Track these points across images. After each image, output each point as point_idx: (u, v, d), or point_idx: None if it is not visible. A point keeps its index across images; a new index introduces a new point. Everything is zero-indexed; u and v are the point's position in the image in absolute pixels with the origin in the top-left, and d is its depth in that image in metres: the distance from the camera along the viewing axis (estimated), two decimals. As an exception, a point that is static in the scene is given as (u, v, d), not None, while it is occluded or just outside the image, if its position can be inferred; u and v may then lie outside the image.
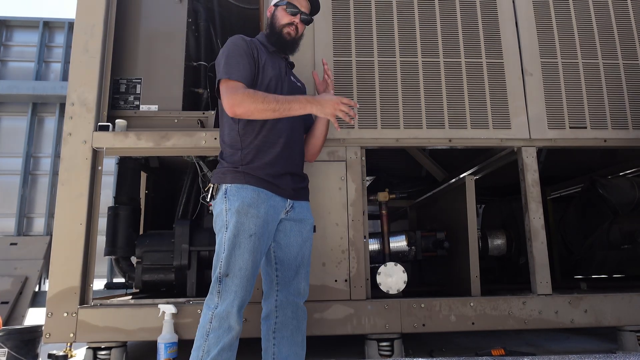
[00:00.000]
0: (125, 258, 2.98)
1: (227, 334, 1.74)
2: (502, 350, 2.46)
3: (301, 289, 1.99)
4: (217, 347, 1.72)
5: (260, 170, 1.89)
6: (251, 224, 1.81)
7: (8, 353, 2.59)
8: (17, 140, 5.51)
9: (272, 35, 2.10)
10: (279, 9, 2.09)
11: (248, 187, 1.86)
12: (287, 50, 2.15)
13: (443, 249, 3.08)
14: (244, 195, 1.84)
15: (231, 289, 1.77)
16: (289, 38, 2.09)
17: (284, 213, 1.96)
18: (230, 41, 2.00)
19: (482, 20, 2.87)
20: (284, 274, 1.97)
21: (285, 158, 1.97)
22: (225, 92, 1.87)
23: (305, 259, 2.01)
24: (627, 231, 3.44)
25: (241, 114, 1.85)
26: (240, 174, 1.88)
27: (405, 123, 2.70)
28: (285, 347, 1.93)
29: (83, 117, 2.56)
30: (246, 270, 1.79)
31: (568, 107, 2.81)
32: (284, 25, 2.07)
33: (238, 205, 1.82)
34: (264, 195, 1.87)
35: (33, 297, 4.69)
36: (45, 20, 5.81)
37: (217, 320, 1.75)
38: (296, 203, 2.00)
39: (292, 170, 2.00)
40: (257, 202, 1.84)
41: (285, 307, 1.96)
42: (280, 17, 2.08)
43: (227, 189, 1.87)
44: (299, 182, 2.04)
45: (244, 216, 1.81)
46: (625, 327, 2.57)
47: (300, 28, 2.11)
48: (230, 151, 1.96)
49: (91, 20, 2.67)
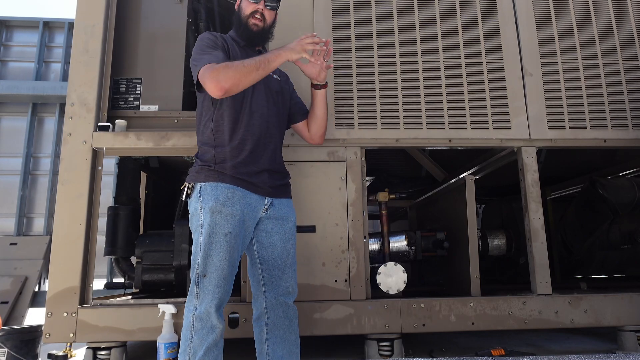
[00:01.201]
0: (125, 258, 2.98)
1: (211, 333, 1.73)
2: (502, 350, 2.46)
3: (289, 288, 1.97)
4: (203, 348, 1.72)
5: (233, 168, 1.87)
6: (226, 223, 1.79)
7: (8, 353, 2.59)
8: (17, 140, 5.50)
9: (239, 27, 2.05)
10: (243, 1, 2.05)
11: (222, 185, 1.83)
12: (257, 42, 2.09)
13: (443, 249, 3.08)
14: (218, 193, 1.82)
15: (209, 289, 1.76)
16: (256, 29, 2.02)
17: (262, 211, 1.93)
18: (199, 39, 1.97)
19: (482, 21, 2.87)
20: (270, 274, 1.94)
21: (260, 155, 1.93)
22: (204, 77, 1.79)
23: (291, 257, 1.98)
24: (627, 231, 3.44)
25: (230, 87, 1.76)
26: (214, 172, 1.86)
27: (405, 123, 2.70)
28: (279, 347, 1.92)
29: (83, 117, 2.56)
30: (223, 270, 1.77)
31: (568, 107, 2.81)
32: (248, 15, 2.01)
33: (212, 204, 1.80)
34: (239, 193, 1.85)
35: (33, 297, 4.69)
36: (45, 20, 5.81)
37: (199, 322, 1.75)
38: (276, 200, 1.96)
39: (269, 167, 1.96)
40: (232, 200, 1.82)
41: (275, 307, 1.94)
42: (244, 7, 2.03)
43: (201, 188, 1.85)
44: (277, 179, 2.00)
45: (219, 215, 1.79)
46: (625, 327, 2.57)
47: (267, 15, 2.03)
48: (204, 149, 1.93)
49: (91, 21, 2.67)
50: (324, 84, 2.14)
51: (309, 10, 2.81)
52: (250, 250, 1.98)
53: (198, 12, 3.20)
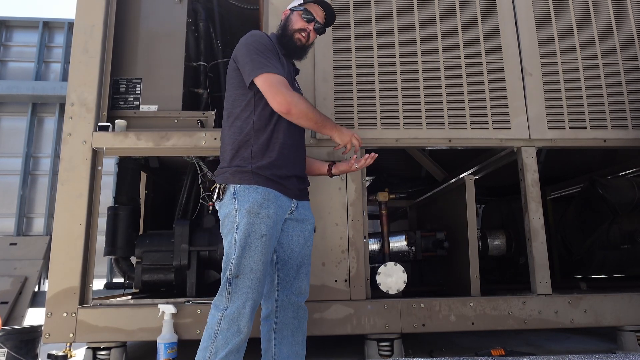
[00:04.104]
0: (125, 258, 2.98)
1: (236, 336, 1.72)
2: (502, 350, 2.46)
3: (302, 288, 1.98)
4: (225, 350, 1.70)
5: (267, 170, 1.87)
6: (262, 225, 1.80)
7: (8, 353, 2.59)
8: (17, 140, 5.51)
9: (283, 37, 2.08)
10: (295, 14, 2.08)
11: (258, 187, 1.84)
12: (295, 56, 2.13)
13: (443, 249, 3.08)
14: (255, 195, 1.82)
15: (242, 290, 1.75)
16: (299, 44, 2.07)
17: (289, 213, 1.96)
18: (258, 35, 1.96)
19: (481, 21, 2.87)
20: (286, 273, 1.96)
21: (292, 159, 1.96)
22: (276, 87, 1.84)
23: (307, 258, 2.01)
24: (626, 231, 3.44)
25: (295, 114, 1.85)
26: (249, 173, 1.85)
27: (405, 123, 2.70)
28: (286, 347, 1.93)
29: (83, 117, 2.56)
30: (257, 272, 1.77)
31: (568, 107, 2.81)
32: (296, 30, 2.05)
33: (249, 205, 1.80)
34: (274, 195, 1.86)
35: (33, 297, 4.68)
36: (45, 20, 5.82)
37: (227, 322, 1.73)
38: (300, 203, 2.00)
39: (298, 172, 2.00)
40: (268, 203, 1.83)
41: (286, 307, 1.95)
42: (294, 21, 2.07)
43: (236, 189, 1.84)
44: (303, 183, 2.05)
45: (255, 217, 1.79)
46: (625, 327, 2.57)
47: (312, 36, 2.09)
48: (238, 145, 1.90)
49: (91, 21, 2.67)
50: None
51: (309, 10, 2.80)
52: None
53: (198, 12, 3.21)
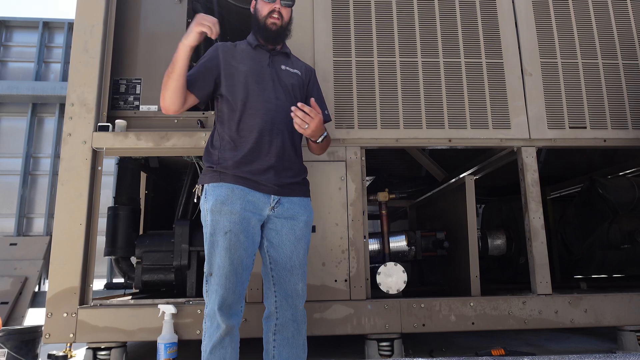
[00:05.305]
0: (125, 258, 2.98)
1: (216, 332, 1.77)
2: (502, 350, 2.46)
3: (299, 290, 1.93)
4: (210, 346, 1.76)
5: (234, 167, 1.88)
6: (225, 222, 1.81)
7: (8, 353, 2.59)
8: (17, 141, 5.50)
9: (258, 29, 2.06)
10: (258, 1, 2.06)
11: (223, 185, 1.86)
12: (278, 40, 2.08)
13: (443, 249, 3.08)
14: (219, 193, 1.85)
15: (213, 287, 1.79)
16: (275, 28, 2.02)
17: (269, 209, 1.91)
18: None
19: (481, 21, 2.87)
20: (279, 273, 1.92)
21: (264, 152, 1.91)
22: None
23: (300, 259, 1.93)
24: (626, 231, 3.44)
25: (165, 105, 1.88)
26: (216, 172, 1.89)
27: (405, 123, 2.70)
28: (285, 349, 1.91)
29: (83, 117, 2.56)
30: (224, 268, 1.78)
31: (568, 107, 2.81)
32: (266, 15, 2.02)
33: (212, 203, 1.84)
34: (239, 191, 1.85)
35: (33, 297, 4.68)
36: (45, 20, 5.81)
37: (208, 319, 1.80)
38: (285, 199, 1.93)
39: (276, 164, 1.92)
40: (232, 199, 1.83)
41: (284, 308, 1.93)
42: (260, 8, 2.04)
43: (206, 189, 1.91)
44: (287, 177, 1.95)
45: (218, 214, 1.82)
46: (625, 327, 2.57)
47: (284, 13, 2.04)
48: (208, 151, 1.98)
49: (91, 21, 2.67)
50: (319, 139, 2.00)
51: (309, 10, 2.81)
52: (261, 249, 1.97)
53: (198, 12, 3.20)
